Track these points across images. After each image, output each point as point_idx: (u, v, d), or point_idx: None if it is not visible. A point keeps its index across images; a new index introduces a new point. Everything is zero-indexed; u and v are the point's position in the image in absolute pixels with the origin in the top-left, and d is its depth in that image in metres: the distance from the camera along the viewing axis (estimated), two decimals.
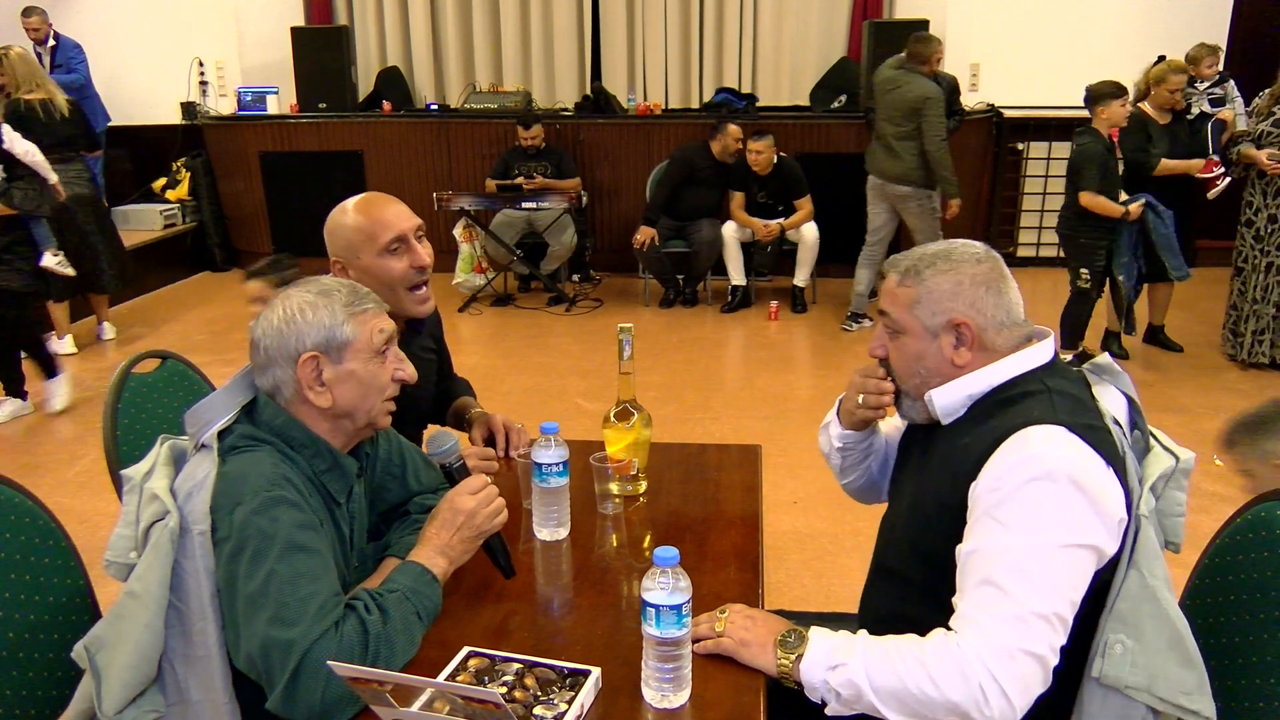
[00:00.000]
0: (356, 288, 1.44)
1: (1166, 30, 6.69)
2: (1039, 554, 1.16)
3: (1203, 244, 5.57)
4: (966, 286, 1.35)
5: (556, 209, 6.08)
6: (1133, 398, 1.38)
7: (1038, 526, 1.17)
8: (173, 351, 2.17)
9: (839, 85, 7.27)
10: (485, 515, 1.44)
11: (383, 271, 1.78)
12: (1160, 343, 5.19)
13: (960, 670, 1.12)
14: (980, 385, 1.35)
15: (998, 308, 1.35)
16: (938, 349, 1.36)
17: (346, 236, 1.79)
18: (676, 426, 4.16)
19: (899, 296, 1.39)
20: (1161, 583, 1.23)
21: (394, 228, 1.78)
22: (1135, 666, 1.22)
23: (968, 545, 1.23)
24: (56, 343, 5.20)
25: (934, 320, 1.36)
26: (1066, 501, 1.18)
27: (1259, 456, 1.76)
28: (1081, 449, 1.22)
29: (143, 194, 7.35)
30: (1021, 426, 1.24)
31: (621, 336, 1.78)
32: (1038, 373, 1.34)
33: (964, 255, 1.37)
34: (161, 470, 1.38)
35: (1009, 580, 1.15)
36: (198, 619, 1.29)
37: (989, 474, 1.23)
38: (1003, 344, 1.35)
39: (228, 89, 7.48)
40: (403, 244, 1.79)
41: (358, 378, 1.40)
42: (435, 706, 1.14)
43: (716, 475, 1.93)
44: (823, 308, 6.16)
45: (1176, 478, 1.31)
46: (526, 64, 7.76)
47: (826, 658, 1.22)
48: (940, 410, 1.38)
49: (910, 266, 1.39)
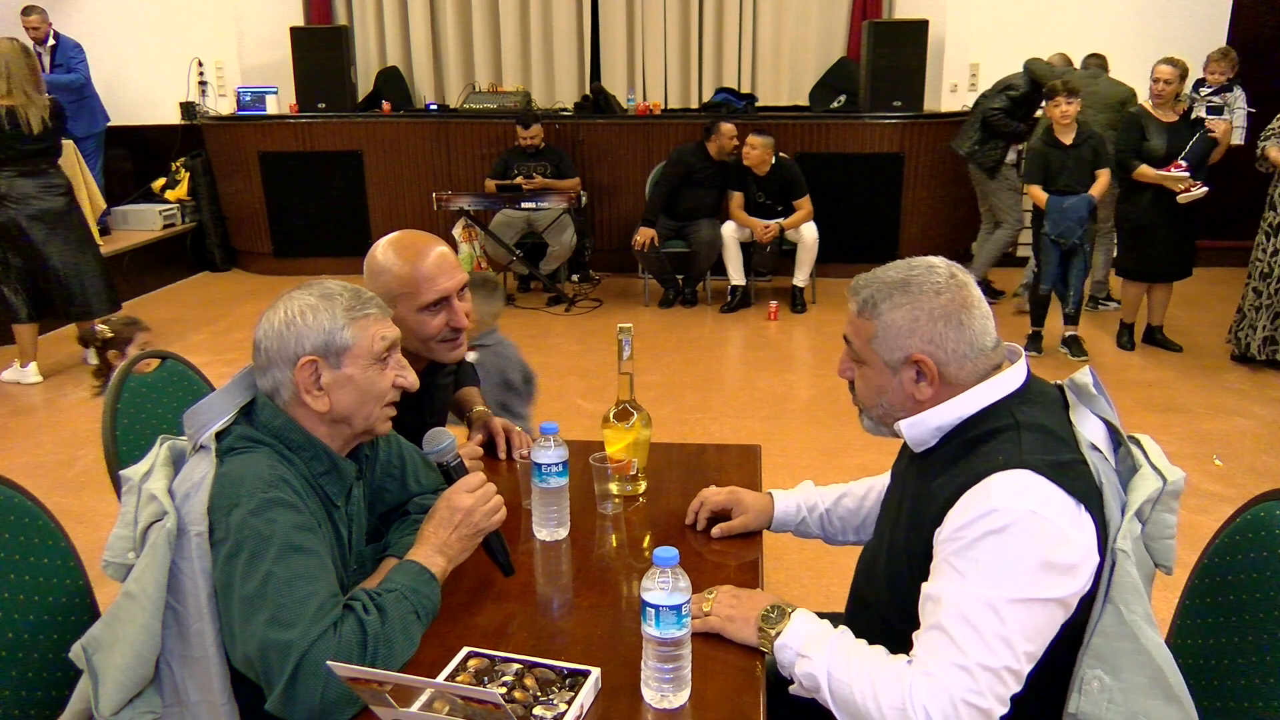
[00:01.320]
0: (360, 292, 1.43)
1: (1166, 30, 6.70)
2: (991, 608, 1.14)
3: (1203, 244, 5.57)
4: (924, 322, 1.29)
5: (556, 209, 6.08)
6: (1111, 422, 1.33)
7: (992, 580, 1.15)
8: (172, 352, 2.17)
9: (838, 85, 7.28)
10: (483, 513, 1.44)
11: (419, 326, 1.76)
12: (1159, 342, 5.20)
13: (903, 706, 1.14)
14: (948, 417, 1.32)
15: (960, 341, 1.29)
16: (898, 384, 1.33)
17: (388, 284, 1.74)
18: (676, 426, 4.16)
19: (859, 328, 1.35)
20: (1141, 619, 1.20)
21: (438, 289, 1.75)
22: (1113, 704, 1.20)
23: (928, 588, 1.22)
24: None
25: (892, 356, 1.32)
26: (1024, 555, 1.15)
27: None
28: (1047, 493, 1.18)
29: (142, 194, 7.34)
30: (986, 474, 1.21)
31: (621, 337, 1.78)
32: (1008, 402, 1.30)
33: (924, 286, 1.30)
34: (160, 471, 1.37)
35: (958, 631, 1.15)
36: (195, 620, 1.28)
37: (951, 523, 1.22)
38: (966, 376, 1.31)
39: (227, 89, 7.48)
40: (445, 303, 1.77)
41: (356, 383, 1.39)
42: (435, 707, 1.14)
43: (716, 475, 1.93)
44: (822, 308, 6.16)
45: (1165, 500, 1.26)
46: (526, 64, 7.76)
47: (799, 644, 1.27)
48: (910, 441, 1.37)
49: (868, 298, 1.33)
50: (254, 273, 7.27)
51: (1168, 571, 1.31)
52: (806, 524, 1.72)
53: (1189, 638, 1.40)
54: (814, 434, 4.11)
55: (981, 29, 6.98)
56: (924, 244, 6.35)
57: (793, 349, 5.53)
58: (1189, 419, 4.23)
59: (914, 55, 6.59)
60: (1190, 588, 1.44)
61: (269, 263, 7.15)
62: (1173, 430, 4.06)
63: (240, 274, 7.33)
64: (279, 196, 6.97)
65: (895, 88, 6.60)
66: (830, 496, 1.73)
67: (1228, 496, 3.39)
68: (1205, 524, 1.56)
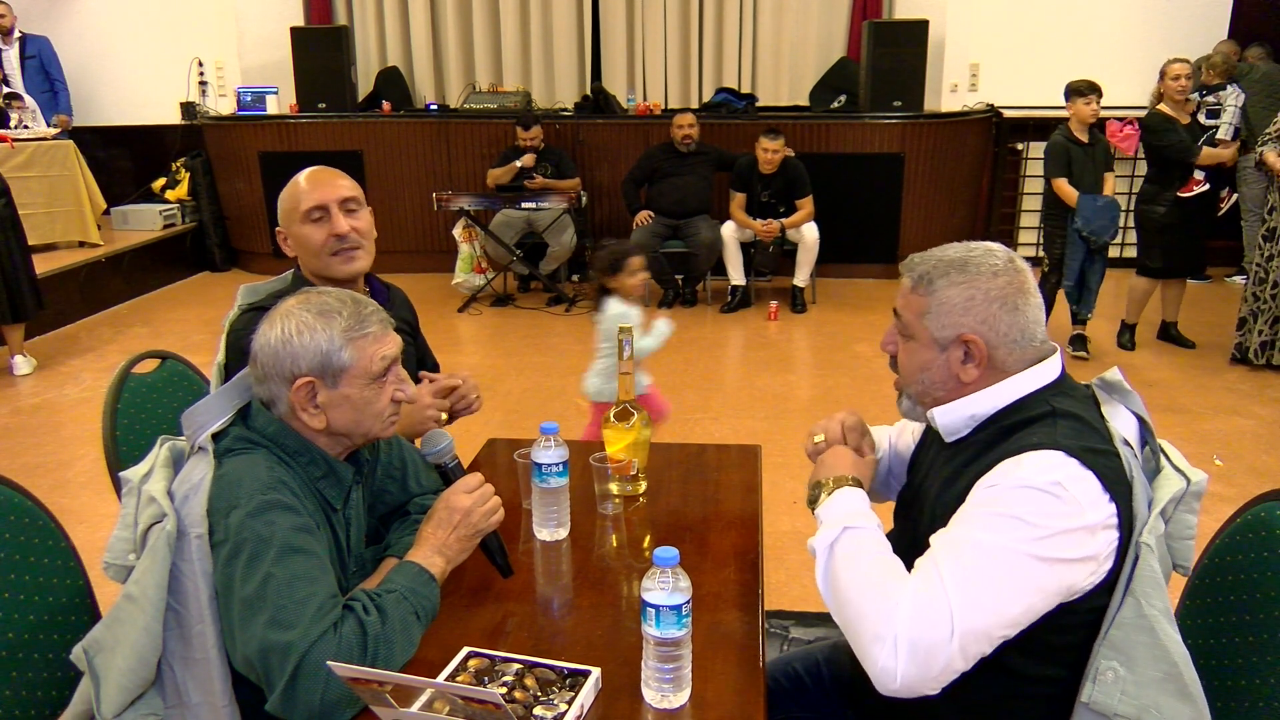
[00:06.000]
0: (360, 308, 1.40)
1: (1166, 30, 6.70)
2: (991, 554, 1.14)
3: (1211, 244, 5.61)
4: (979, 302, 1.28)
5: (556, 209, 6.08)
6: (1143, 416, 1.34)
7: (999, 529, 1.15)
8: (172, 352, 2.17)
9: (838, 85, 7.28)
10: (482, 514, 1.44)
11: (304, 238, 1.90)
12: (1173, 338, 5.23)
13: (888, 617, 1.13)
14: (985, 407, 1.31)
15: (1012, 326, 1.28)
16: (944, 362, 1.32)
17: (282, 205, 1.96)
18: (676, 426, 4.15)
19: (911, 303, 1.34)
20: (1160, 614, 1.19)
21: (313, 199, 1.89)
22: (1125, 695, 1.20)
23: (946, 530, 1.22)
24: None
25: (943, 333, 1.30)
26: (1035, 516, 1.15)
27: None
28: (1076, 472, 1.18)
29: (142, 194, 7.35)
30: (1018, 453, 1.21)
31: (621, 337, 1.78)
32: (1044, 392, 1.29)
33: (981, 266, 1.30)
34: (160, 472, 1.37)
35: (952, 573, 1.14)
36: (196, 622, 1.28)
37: (981, 486, 1.22)
38: (1013, 363, 1.30)
39: (227, 89, 7.48)
40: (324, 213, 1.88)
41: (353, 403, 1.38)
42: (435, 707, 1.14)
43: (716, 475, 1.93)
44: (822, 308, 6.16)
45: (1187, 500, 1.27)
46: (526, 64, 7.76)
47: (832, 514, 1.32)
48: (943, 429, 1.36)
49: (925, 273, 1.32)
50: (254, 273, 7.27)
51: (1184, 573, 1.32)
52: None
53: (1189, 637, 1.40)
54: None
55: (981, 29, 6.98)
56: (924, 244, 6.29)
57: (793, 349, 5.53)
58: (1189, 419, 4.23)
59: (914, 55, 6.59)
60: (1190, 587, 1.44)
61: (269, 263, 7.14)
62: (1173, 430, 4.06)
63: (240, 274, 7.33)
64: (279, 197, 6.95)
65: (895, 88, 6.59)
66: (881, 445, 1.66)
67: (1228, 496, 3.39)
68: (1206, 524, 1.56)
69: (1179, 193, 4.82)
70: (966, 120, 6.73)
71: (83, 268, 5.98)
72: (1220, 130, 5.40)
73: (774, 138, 5.78)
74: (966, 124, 6.72)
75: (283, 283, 1.93)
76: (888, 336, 1.42)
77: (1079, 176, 4.83)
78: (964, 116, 6.77)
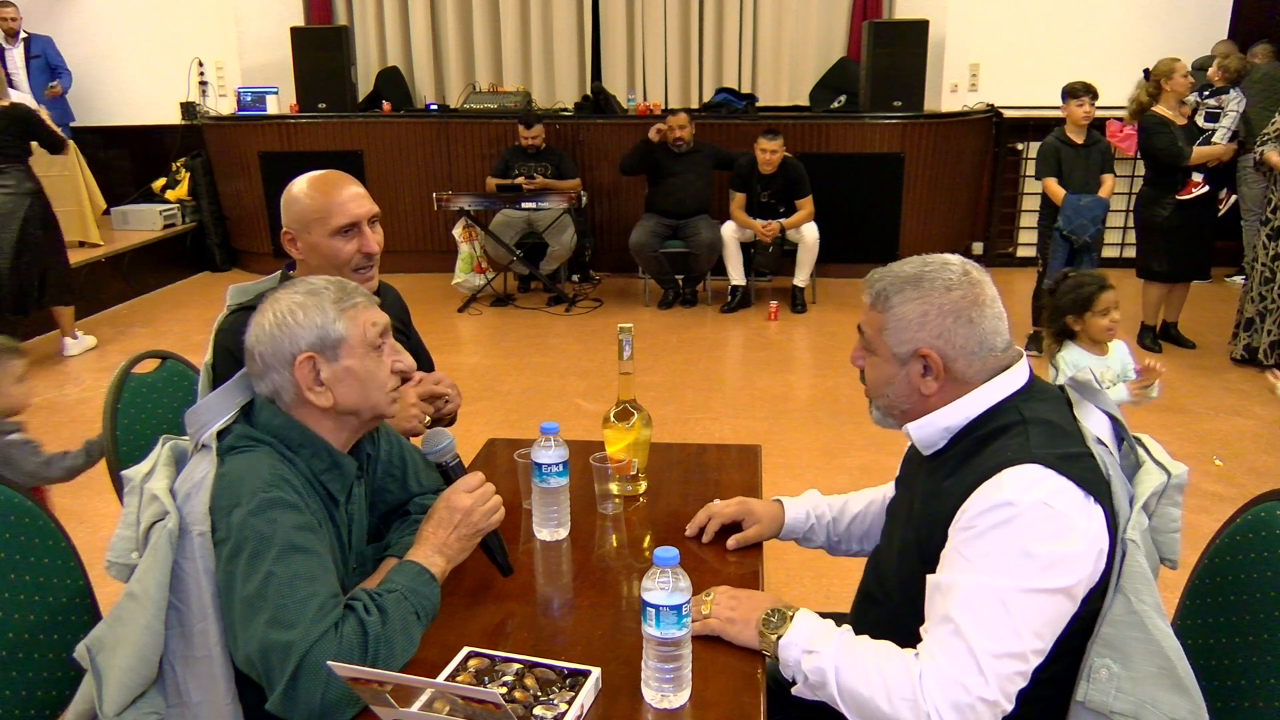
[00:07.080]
0: (344, 284, 1.44)
1: (1166, 30, 6.69)
2: (1000, 598, 1.16)
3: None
4: (934, 317, 1.31)
5: (556, 209, 6.08)
6: (1114, 415, 1.35)
7: (1002, 570, 1.16)
8: (172, 352, 2.17)
9: (839, 85, 7.28)
10: (482, 513, 1.44)
11: (331, 251, 1.85)
12: (1174, 339, 5.23)
13: (913, 698, 1.15)
14: (956, 418, 1.33)
15: (969, 338, 1.31)
16: (905, 376, 1.35)
17: (302, 210, 1.87)
18: (676, 426, 4.16)
19: (871, 319, 1.37)
20: (1151, 608, 1.20)
21: (348, 214, 1.84)
22: (1121, 693, 1.21)
23: (936, 578, 1.23)
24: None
25: (901, 349, 1.33)
26: (1034, 546, 1.16)
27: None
28: (1056, 485, 1.19)
29: (142, 194, 7.34)
30: (996, 469, 1.23)
31: (621, 337, 1.78)
32: (1014, 400, 1.31)
33: (936, 281, 1.32)
34: (162, 471, 1.37)
35: (968, 622, 1.16)
36: (198, 620, 1.28)
37: (964, 515, 1.23)
38: (974, 374, 1.32)
39: (227, 89, 7.48)
40: (356, 229, 1.85)
41: (355, 374, 1.39)
42: (435, 707, 1.14)
43: (716, 475, 1.93)
44: (822, 308, 6.16)
45: (1169, 494, 1.29)
46: (526, 64, 7.76)
47: (805, 641, 1.27)
48: (919, 443, 1.38)
49: (882, 290, 1.35)
50: (254, 273, 7.26)
51: (1172, 566, 1.33)
52: (814, 532, 1.72)
53: (1190, 637, 1.40)
54: (814, 434, 4.11)
55: (981, 29, 6.97)
56: (924, 244, 6.31)
57: (793, 349, 5.53)
58: (1189, 419, 4.23)
59: (914, 55, 6.58)
60: (1191, 588, 1.44)
61: (269, 263, 7.12)
62: (1173, 430, 4.06)
63: (240, 274, 7.33)
64: (279, 197, 6.94)
65: (895, 88, 6.59)
66: (835, 505, 1.73)
67: (1228, 496, 3.39)
68: (1206, 524, 1.56)
69: (1179, 195, 4.82)
70: (966, 120, 6.73)
71: (83, 268, 5.97)
72: (1217, 134, 5.40)
73: (772, 138, 5.78)
74: (966, 124, 6.72)
75: (271, 282, 1.92)
76: (855, 352, 1.44)
77: (1068, 176, 4.86)
78: (964, 117, 6.77)
